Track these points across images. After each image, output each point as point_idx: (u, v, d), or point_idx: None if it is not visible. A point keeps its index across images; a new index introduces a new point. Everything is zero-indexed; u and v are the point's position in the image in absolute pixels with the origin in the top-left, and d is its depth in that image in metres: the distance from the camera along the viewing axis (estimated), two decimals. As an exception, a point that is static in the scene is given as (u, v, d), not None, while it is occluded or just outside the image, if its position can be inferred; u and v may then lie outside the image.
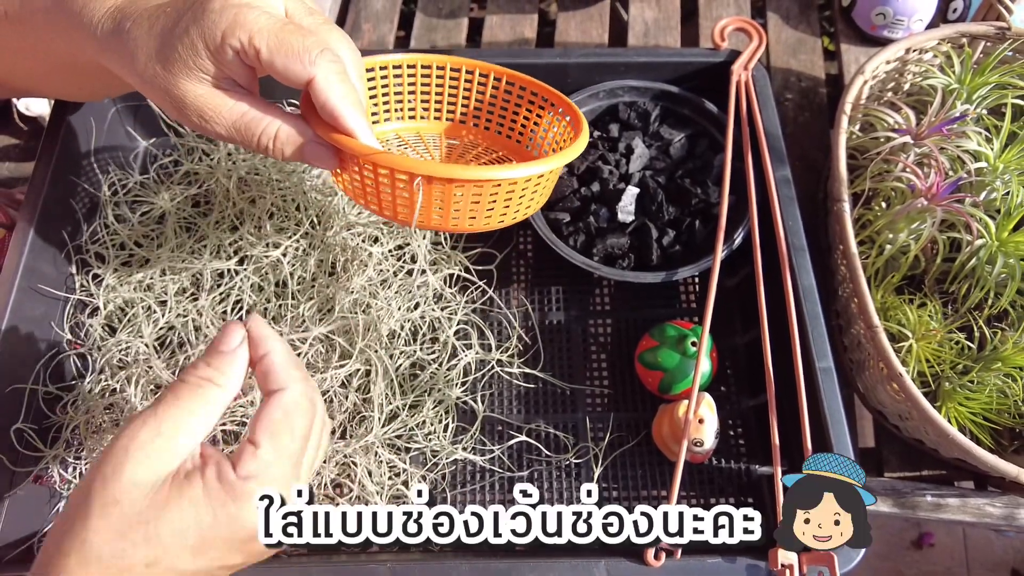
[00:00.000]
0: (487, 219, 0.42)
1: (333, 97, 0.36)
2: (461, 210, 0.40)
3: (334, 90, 0.36)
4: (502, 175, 0.39)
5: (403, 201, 0.39)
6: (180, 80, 0.36)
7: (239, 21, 0.34)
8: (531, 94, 0.52)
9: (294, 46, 0.34)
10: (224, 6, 0.34)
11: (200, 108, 0.36)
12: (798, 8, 0.77)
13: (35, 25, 0.42)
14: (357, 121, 0.37)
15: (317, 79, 0.35)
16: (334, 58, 0.36)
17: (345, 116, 0.36)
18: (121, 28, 0.37)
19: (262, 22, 0.34)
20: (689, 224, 0.56)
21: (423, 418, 0.51)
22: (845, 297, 0.54)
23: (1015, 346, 0.50)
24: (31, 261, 0.51)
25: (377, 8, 0.77)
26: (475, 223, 0.41)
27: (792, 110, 0.71)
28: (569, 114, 0.50)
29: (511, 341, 0.56)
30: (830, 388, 0.47)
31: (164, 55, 0.35)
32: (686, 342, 0.52)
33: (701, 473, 0.53)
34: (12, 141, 0.68)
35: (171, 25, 0.36)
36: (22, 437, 0.49)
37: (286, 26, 0.35)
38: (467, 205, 0.40)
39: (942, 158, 0.54)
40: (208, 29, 0.34)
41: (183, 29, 0.35)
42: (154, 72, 0.36)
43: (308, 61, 0.35)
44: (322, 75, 0.35)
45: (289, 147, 0.38)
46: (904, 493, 0.54)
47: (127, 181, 0.59)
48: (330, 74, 0.35)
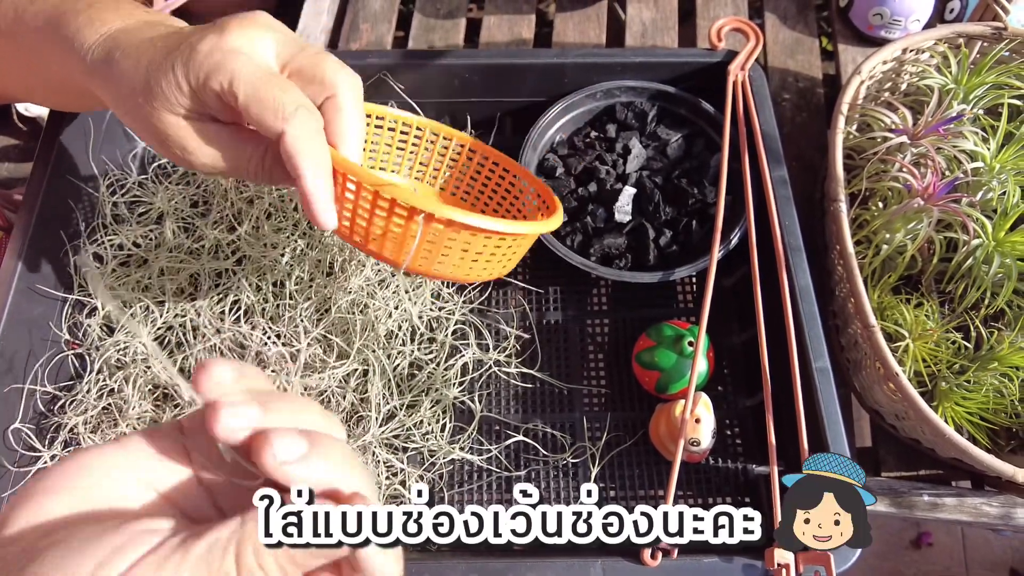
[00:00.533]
0: (469, 269, 0.42)
1: (297, 158, 0.35)
2: (449, 256, 0.40)
3: (301, 149, 0.35)
4: (502, 228, 0.39)
5: (393, 237, 0.39)
6: (162, 113, 0.36)
7: (223, 66, 0.34)
8: (513, 176, 0.54)
9: (269, 100, 0.34)
10: (212, 49, 0.35)
11: (182, 140, 0.37)
12: (795, 8, 0.77)
13: (29, 43, 0.42)
14: (316, 185, 0.36)
15: (286, 136, 0.35)
16: (308, 117, 0.35)
17: (304, 178, 0.35)
18: (111, 58, 0.37)
19: (245, 70, 0.34)
20: (686, 224, 0.57)
21: (420, 418, 0.51)
22: (842, 297, 0.54)
23: (1011, 346, 0.50)
24: (29, 261, 0.51)
25: (375, 8, 0.78)
26: (456, 271, 0.41)
27: (789, 110, 0.71)
28: (546, 199, 0.51)
29: (508, 341, 0.56)
30: (827, 388, 0.47)
31: (148, 88, 0.36)
32: (683, 342, 0.52)
33: (698, 473, 0.53)
34: (11, 142, 0.69)
35: (159, 60, 0.36)
36: (20, 437, 0.49)
37: (268, 77, 0.35)
38: (457, 252, 0.40)
39: (939, 158, 0.54)
40: (193, 69, 0.35)
41: (169, 66, 0.35)
42: (137, 104, 0.36)
43: (281, 117, 0.34)
44: (292, 132, 0.35)
45: (278, 175, 0.38)
46: (901, 493, 0.54)
47: (125, 181, 0.59)
48: (300, 132, 0.35)
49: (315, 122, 0.36)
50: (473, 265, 0.41)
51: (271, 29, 0.37)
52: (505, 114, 0.64)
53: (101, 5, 0.40)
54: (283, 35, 0.38)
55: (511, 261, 0.44)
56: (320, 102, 0.37)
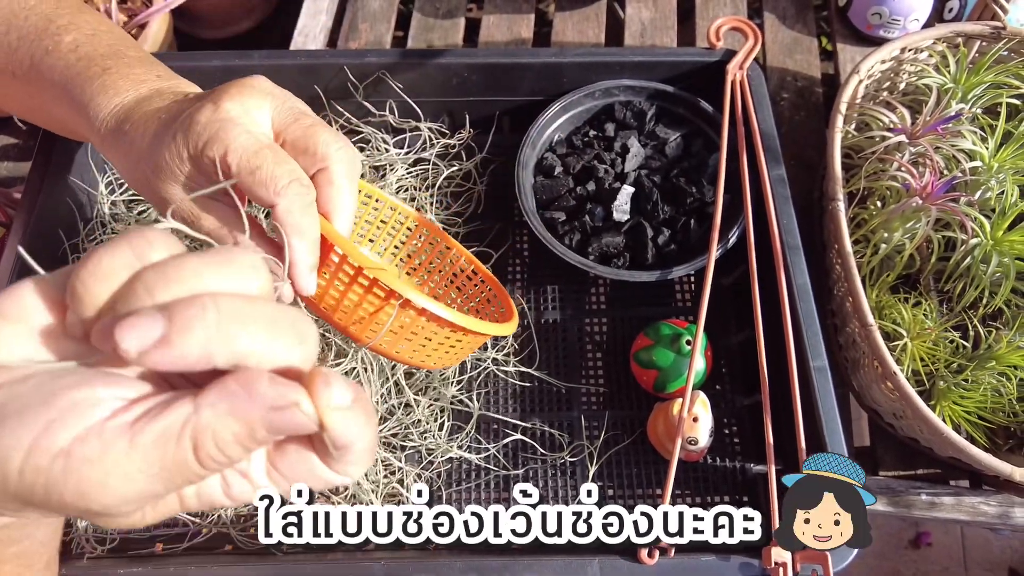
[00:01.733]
0: (426, 356, 0.42)
1: (287, 229, 0.35)
2: (412, 341, 0.41)
3: (291, 223, 0.35)
4: (472, 326, 0.40)
5: (363, 314, 0.39)
6: (167, 184, 0.37)
7: (219, 136, 0.35)
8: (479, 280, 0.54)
9: (263, 172, 0.35)
10: (209, 120, 0.35)
11: (182, 213, 0.37)
12: (794, 8, 0.77)
13: (43, 94, 0.43)
14: (301, 257, 0.36)
15: (278, 208, 0.35)
16: (299, 191, 0.36)
17: (292, 248, 0.36)
18: (121, 129, 0.38)
19: (240, 141, 0.35)
20: (684, 223, 0.57)
21: (418, 416, 0.51)
22: (840, 296, 0.54)
23: (1009, 345, 0.50)
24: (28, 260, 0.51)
25: (374, 8, 0.78)
26: (415, 356, 0.42)
27: (788, 109, 0.71)
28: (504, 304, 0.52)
29: (507, 340, 0.56)
30: (825, 387, 0.47)
31: (154, 160, 0.37)
32: (681, 341, 0.52)
33: (696, 471, 0.53)
34: (10, 140, 0.69)
35: (162, 131, 0.37)
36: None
37: (263, 149, 0.35)
38: (421, 338, 0.41)
39: (937, 157, 0.54)
40: (192, 139, 0.35)
41: (171, 137, 0.36)
42: (145, 176, 0.37)
43: (274, 190, 0.35)
44: (284, 206, 0.35)
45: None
46: (899, 492, 0.54)
47: (123, 180, 0.59)
48: (291, 207, 0.35)
49: (307, 196, 0.36)
50: (432, 353, 0.42)
51: (269, 95, 0.38)
52: (503, 113, 0.64)
53: (115, 71, 0.41)
54: (280, 102, 0.38)
55: (463, 353, 0.45)
56: (312, 173, 0.38)
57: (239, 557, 0.47)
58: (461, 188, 0.63)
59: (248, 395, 0.19)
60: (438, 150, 0.62)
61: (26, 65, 0.43)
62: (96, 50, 0.42)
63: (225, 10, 0.75)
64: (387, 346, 0.41)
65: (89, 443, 0.19)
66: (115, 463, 0.19)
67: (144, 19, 0.65)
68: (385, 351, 0.41)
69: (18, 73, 0.43)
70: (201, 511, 0.50)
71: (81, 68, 0.41)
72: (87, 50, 0.42)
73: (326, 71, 0.59)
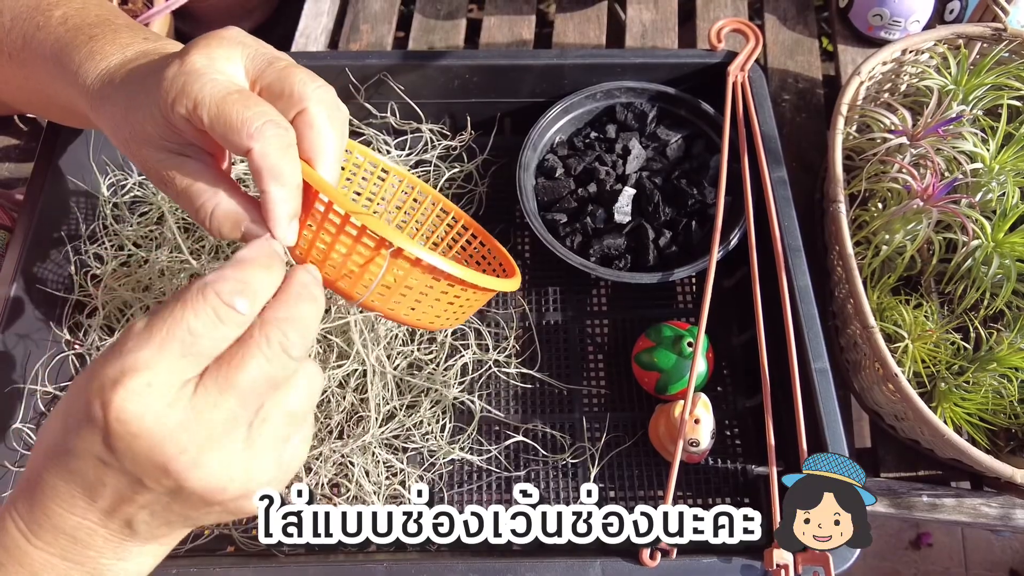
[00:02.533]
0: (422, 313, 0.39)
1: (262, 174, 0.33)
2: (407, 297, 0.37)
3: (266, 166, 0.33)
4: (468, 277, 0.37)
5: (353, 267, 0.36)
6: (142, 146, 0.36)
7: (185, 89, 0.33)
8: (479, 243, 0.52)
9: (233, 118, 0.33)
10: (175, 75, 0.34)
11: (159, 173, 0.36)
12: (795, 9, 0.77)
13: (36, 71, 0.43)
14: (280, 207, 0.34)
15: (253, 153, 0.33)
16: (277, 131, 0.34)
17: (267, 194, 0.34)
18: (104, 92, 0.38)
19: (206, 91, 0.33)
20: (685, 225, 0.57)
21: (420, 418, 0.51)
22: (841, 298, 0.54)
23: (1011, 347, 0.50)
24: (30, 261, 0.51)
25: (375, 9, 0.78)
26: (411, 315, 0.39)
27: (789, 111, 0.71)
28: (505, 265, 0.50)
29: (508, 341, 0.56)
30: (826, 388, 0.47)
31: (130, 121, 0.36)
32: (682, 342, 0.52)
33: (697, 473, 0.53)
34: (12, 142, 0.69)
35: (136, 91, 0.36)
36: (20, 437, 0.49)
37: (230, 95, 0.34)
38: (416, 293, 0.37)
39: (938, 159, 0.54)
40: (161, 96, 0.34)
41: (144, 95, 0.35)
42: (124, 137, 0.37)
43: (247, 133, 0.33)
44: (259, 149, 0.33)
45: (226, 226, 0.36)
46: (900, 493, 0.54)
47: (126, 181, 0.59)
48: (268, 148, 0.33)
49: (284, 137, 0.34)
50: (428, 311, 0.39)
51: (240, 44, 0.36)
52: (505, 115, 0.64)
53: (102, 38, 0.40)
54: (253, 49, 0.37)
55: (463, 313, 0.42)
56: (291, 117, 0.36)
57: (241, 559, 0.47)
58: (462, 190, 0.63)
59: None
60: (439, 152, 0.62)
61: (19, 44, 0.43)
62: (84, 20, 0.42)
63: (225, 11, 0.75)
64: (380, 302, 0.37)
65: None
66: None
67: (145, 20, 0.65)
68: (378, 308, 0.38)
69: (12, 54, 0.43)
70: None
71: (69, 39, 0.40)
72: (76, 21, 0.41)
73: (327, 73, 0.58)
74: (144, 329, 0.27)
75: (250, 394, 0.28)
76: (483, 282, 0.38)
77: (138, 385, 0.26)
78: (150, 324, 0.27)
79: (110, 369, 0.27)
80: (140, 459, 0.27)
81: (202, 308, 0.27)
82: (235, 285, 0.28)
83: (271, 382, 0.29)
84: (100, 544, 0.29)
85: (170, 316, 0.27)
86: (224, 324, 0.28)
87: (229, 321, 0.28)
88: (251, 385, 0.28)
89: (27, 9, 0.43)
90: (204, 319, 0.27)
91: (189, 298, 0.28)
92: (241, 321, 0.28)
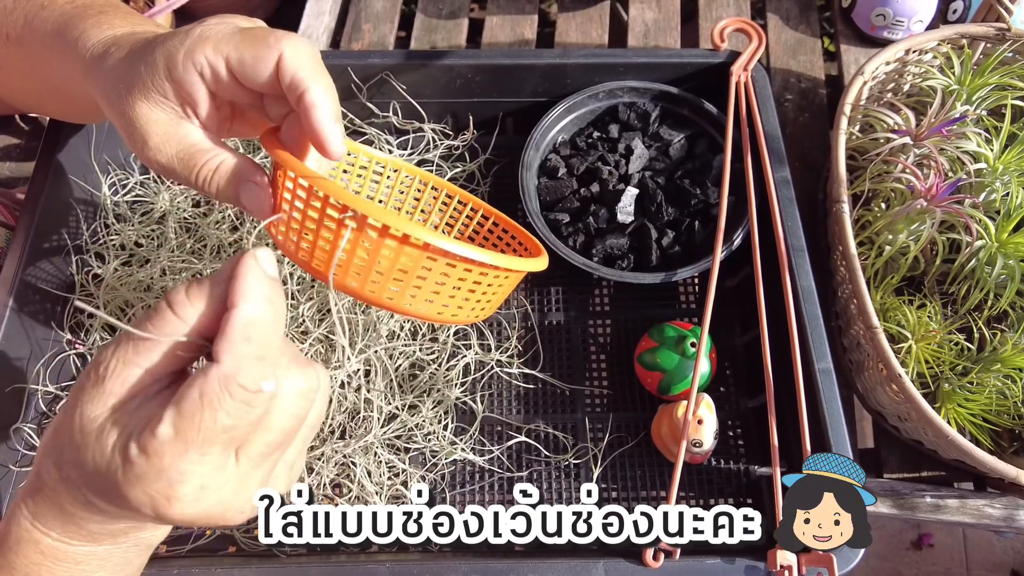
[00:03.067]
0: (411, 298, 0.35)
1: (300, 69, 0.33)
2: (384, 274, 0.34)
3: (301, 62, 0.33)
4: (443, 245, 0.33)
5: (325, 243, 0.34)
6: (137, 101, 0.35)
7: (203, 36, 0.34)
8: (501, 230, 0.50)
9: (258, 36, 0.34)
10: (191, 29, 0.35)
11: (147, 133, 0.35)
12: (798, 9, 0.77)
13: (35, 48, 0.43)
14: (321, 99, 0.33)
15: (285, 55, 0.33)
16: (302, 40, 0.34)
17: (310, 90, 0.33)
18: (106, 53, 0.38)
19: (226, 31, 0.34)
20: (688, 225, 0.56)
21: (422, 418, 0.51)
22: (844, 298, 0.54)
23: (1015, 347, 0.50)
24: (31, 261, 0.51)
25: (377, 8, 0.77)
26: (394, 299, 0.35)
27: (792, 111, 0.71)
28: (529, 247, 0.47)
29: (511, 341, 0.56)
30: (829, 389, 0.47)
31: (128, 76, 0.36)
32: (685, 343, 0.52)
33: (700, 474, 0.53)
34: (14, 141, 0.68)
35: (142, 50, 0.36)
36: (22, 437, 0.49)
37: (252, 28, 0.35)
38: (391, 270, 0.33)
39: (941, 159, 0.54)
40: (172, 48, 0.34)
41: (149, 51, 0.35)
42: (117, 93, 0.36)
43: (273, 41, 0.33)
44: (290, 50, 0.33)
45: (225, 182, 0.36)
46: (903, 494, 0.54)
47: (127, 181, 0.59)
48: (299, 50, 0.34)
49: (310, 46, 0.35)
50: (449, 303, 0.36)
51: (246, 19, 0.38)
52: (507, 114, 0.64)
53: (112, 14, 0.41)
54: (255, 24, 0.38)
55: (490, 303, 0.38)
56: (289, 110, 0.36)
57: (242, 559, 0.47)
58: (465, 189, 0.63)
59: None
60: (442, 151, 0.62)
61: (20, 24, 0.43)
62: (94, 2, 0.42)
63: (226, 10, 0.75)
64: (358, 285, 0.34)
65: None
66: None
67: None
68: (355, 292, 0.35)
69: (12, 35, 0.43)
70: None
71: (77, 13, 0.41)
72: (84, 1, 0.42)
73: (329, 72, 0.59)
74: (176, 438, 0.26)
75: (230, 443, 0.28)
76: (502, 262, 0.35)
77: (191, 492, 0.27)
78: (180, 431, 0.26)
79: (155, 484, 0.27)
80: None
81: (231, 406, 0.27)
82: (256, 370, 0.27)
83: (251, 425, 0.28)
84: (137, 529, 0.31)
85: (200, 420, 0.26)
86: (255, 408, 0.27)
87: (259, 405, 0.27)
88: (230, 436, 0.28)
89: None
90: (237, 414, 0.27)
91: (213, 396, 0.26)
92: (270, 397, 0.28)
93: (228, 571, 0.43)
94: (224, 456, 0.28)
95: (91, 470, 0.28)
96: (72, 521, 0.30)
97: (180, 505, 0.27)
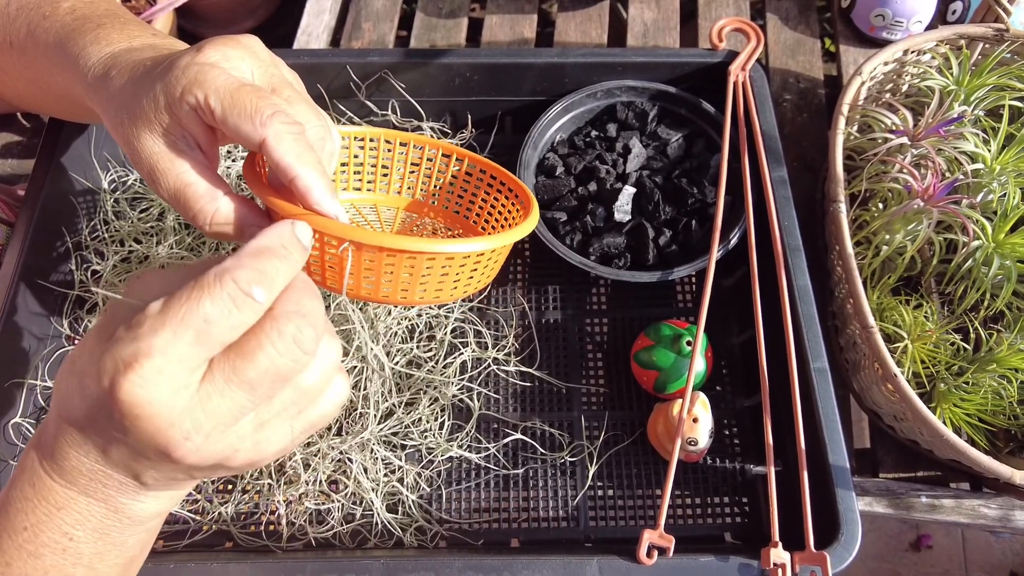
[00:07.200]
0: (422, 293, 0.39)
1: (285, 156, 0.34)
2: (393, 282, 0.37)
3: (286, 148, 0.34)
4: (436, 248, 0.36)
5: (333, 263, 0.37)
6: (141, 132, 0.36)
7: (199, 79, 0.34)
8: (490, 177, 0.51)
9: (247, 106, 0.33)
10: (189, 64, 0.34)
11: (151, 166, 0.36)
12: (797, 9, 0.77)
13: (38, 59, 0.44)
14: (313, 180, 0.34)
15: (268, 138, 0.33)
16: (288, 120, 0.34)
17: (299, 174, 0.34)
18: (107, 75, 0.38)
19: (220, 81, 0.34)
20: (685, 224, 0.57)
21: (419, 415, 0.51)
22: (841, 298, 0.54)
23: (1011, 347, 0.50)
24: (31, 257, 0.51)
25: (377, 7, 0.78)
26: (407, 296, 0.38)
27: (790, 111, 0.71)
28: (520, 194, 0.49)
29: (507, 339, 0.56)
30: (825, 388, 0.47)
31: (131, 106, 0.36)
32: (681, 341, 0.52)
33: (695, 472, 0.53)
34: (14, 138, 0.69)
35: (142, 77, 0.36)
36: (20, 432, 0.49)
37: (243, 87, 0.34)
38: (399, 276, 0.37)
39: (939, 159, 0.54)
40: (170, 84, 0.34)
41: (150, 83, 0.35)
42: (121, 121, 0.36)
43: (259, 122, 0.33)
44: (273, 134, 0.33)
45: (226, 230, 0.36)
46: (899, 494, 0.54)
47: (127, 178, 0.60)
48: (283, 134, 0.34)
49: (298, 125, 0.35)
50: (456, 284, 0.40)
51: (253, 54, 0.37)
52: (506, 113, 0.64)
53: (110, 27, 0.41)
54: (265, 66, 0.37)
55: (493, 271, 0.42)
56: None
57: (239, 554, 0.48)
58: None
59: None
60: (440, 150, 0.62)
61: (23, 33, 0.43)
62: (93, 12, 0.42)
63: (228, 9, 0.75)
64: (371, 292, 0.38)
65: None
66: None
67: (148, 17, 0.65)
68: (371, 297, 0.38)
69: (15, 42, 0.44)
70: (201, 511, 0.50)
71: (76, 26, 0.41)
72: (84, 12, 0.42)
73: (329, 70, 0.59)
74: (160, 312, 0.27)
75: (259, 387, 0.28)
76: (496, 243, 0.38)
77: (149, 372, 0.26)
78: (166, 307, 0.27)
79: (124, 349, 0.27)
80: (144, 440, 0.28)
81: (219, 295, 0.27)
82: (253, 273, 0.28)
83: (281, 376, 0.29)
84: (116, 486, 0.31)
85: (187, 301, 0.27)
86: (240, 312, 0.28)
87: (245, 309, 0.28)
88: (261, 378, 0.28)
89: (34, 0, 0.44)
90: (220, 306, 0.27)
91: (206, 284, 0.27)
92: (257, 309, 0.28)
93: (224, 566, 0.43)
94: (193, 351, 0.27)
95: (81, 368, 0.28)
96: (56, 448, 0.30)
97: (137, 382, 0.26)
